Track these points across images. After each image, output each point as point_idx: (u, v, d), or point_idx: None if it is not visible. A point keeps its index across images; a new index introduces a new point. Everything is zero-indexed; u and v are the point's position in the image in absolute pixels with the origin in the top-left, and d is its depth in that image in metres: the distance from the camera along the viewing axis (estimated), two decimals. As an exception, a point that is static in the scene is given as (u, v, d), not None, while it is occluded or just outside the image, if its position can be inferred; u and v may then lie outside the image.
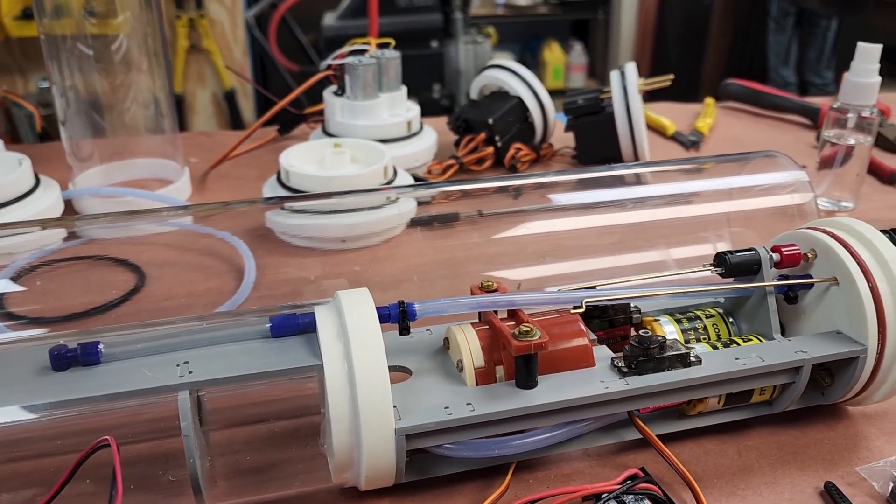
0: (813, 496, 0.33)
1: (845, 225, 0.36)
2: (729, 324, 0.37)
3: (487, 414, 0.30)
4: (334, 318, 0.30)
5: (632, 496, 0.31)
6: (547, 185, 0.57)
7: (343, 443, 0.29)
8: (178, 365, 0.29)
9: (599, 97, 0.65)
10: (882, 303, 0.33)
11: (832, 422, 0.37)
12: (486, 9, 3.16)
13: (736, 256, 0.35)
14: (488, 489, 0.32)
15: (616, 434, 0.35)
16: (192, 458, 0.28)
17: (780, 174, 0.45)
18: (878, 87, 0.56)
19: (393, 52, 0.64)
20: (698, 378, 0.32)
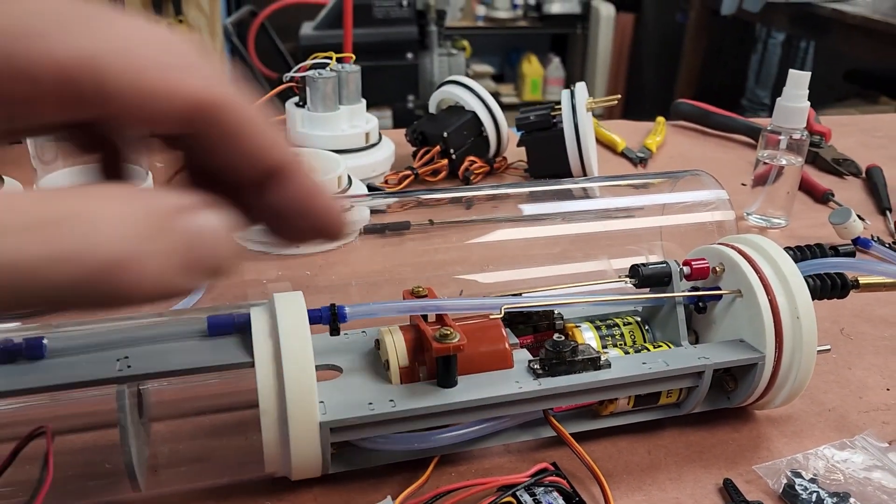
0: (712, 492, 0.35)
1: (751, 241, 0.39)
2: (645, 331, 0.40)
3: (408, 410, 0.32)
4: (267, 319, 0.32)
5: (542, 488, 0.33)
6: (494, 196, 0.60)
7: (272, 435, 0.31)
8: (118, 360, 0.31)
9: (551, 114, 0.68)
10: (780, 314, 0.36)
11: (738, 424, 0.40)
12: (466, 21, 3.20)
13: (648, 269, 0.38)
14: (412, 481, 0.35)
15: (534, 431, 0.37)
16: (128, 446, 0.30)
17: (704, 192, 0.48)
18: (806, 111, 0.60)
19: (353, 66, 0.66)
20: (607, 380, 0.35)
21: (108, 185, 0.19)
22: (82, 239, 0.15)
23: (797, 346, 0.36)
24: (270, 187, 0.20)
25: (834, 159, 0.78)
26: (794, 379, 0.37)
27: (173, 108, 0.17)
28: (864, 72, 2.57)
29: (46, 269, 0.15)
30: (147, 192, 0.17)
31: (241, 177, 0.19)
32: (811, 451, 0.38)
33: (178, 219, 0.17)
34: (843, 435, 0.39)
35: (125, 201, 0.16)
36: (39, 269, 0.15)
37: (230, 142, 0.19)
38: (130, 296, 0.16)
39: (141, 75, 0.17)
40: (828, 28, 2.16)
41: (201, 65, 0.18)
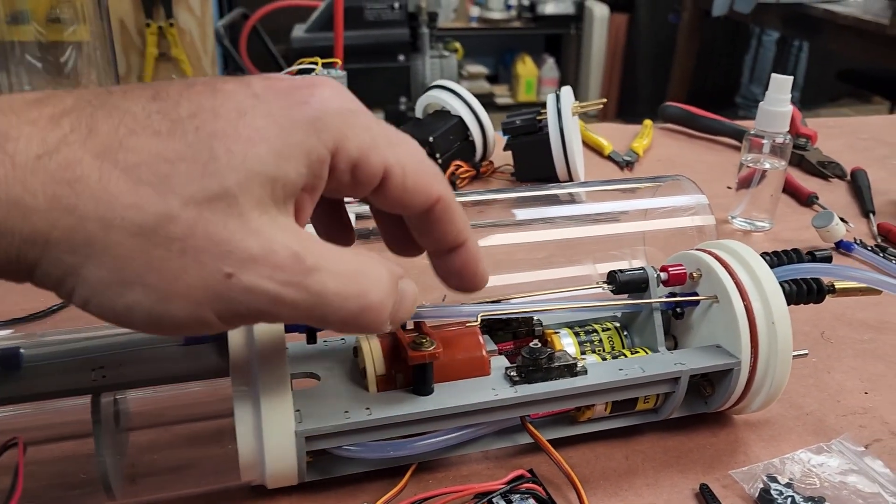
0: (689, 497, 0.36)
1: (728, 247, 0.39)
2: (623, 337, 0.40)
3: (383, 418, 0.32)
4: (243, 327, 0.33)
5: (518, 495, 0.33)
6: (480, 202, 0.60)
7: (247, 444, 0.31)
8: (93, 370, 0.31)
9: (537, 118, 0.68)
10: (755, 320, 0.37)
11: (717, 428, 0.40)
12: (460, 22, 3.21)
13: (625, 275, 0.38)
14: (390, 488, 0.35)
15: (512, 438, 0.37)
16: (102, 456, 0.30)
17: (684, 197, 0.49)
18: (789, 115, 0.60)
19: (338, 72, 0.66)
20: (584, 387, 0.35)
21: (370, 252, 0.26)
22: (369, 290, 0.24)
23: (773, 352, 0.36)
24: (453, 254, 0.29)
25: (819, 162, 0.78)
26: (770, 384, 0.37)
27: (422, 201, 0.26)
28: (857, 72, 2.59)
29: (341, 301, 0.24)
30: (386, 262, 0.26)
31: (439, 246, 0.29)
32: (788, 456, 0.38)
33: (400, 283, 0.26)
34: (821, 439, 0.40)
35: (383, 267, 0.25)
36: (338, 299, 0.23)
37: (444, 223, 0.28)
38: (370, 328, 0.25)
39: (414, 178, 0.26)
40: (819, 28, 2.17)
41: (437, 172, 0.27)
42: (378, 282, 0.25)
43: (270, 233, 0.22)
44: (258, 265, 0.22)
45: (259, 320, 0.24)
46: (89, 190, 0.20)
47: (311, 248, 0.23)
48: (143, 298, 0.21)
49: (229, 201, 0.21)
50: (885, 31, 1.87)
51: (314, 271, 0.23)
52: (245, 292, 0.22)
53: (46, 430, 0.33)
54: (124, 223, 0.20)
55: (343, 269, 0.24)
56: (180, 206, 0.21)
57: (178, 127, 0.21)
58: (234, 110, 0.22)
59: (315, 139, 0.23)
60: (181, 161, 0.21)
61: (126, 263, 0.21)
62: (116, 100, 0.21)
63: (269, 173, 0.22)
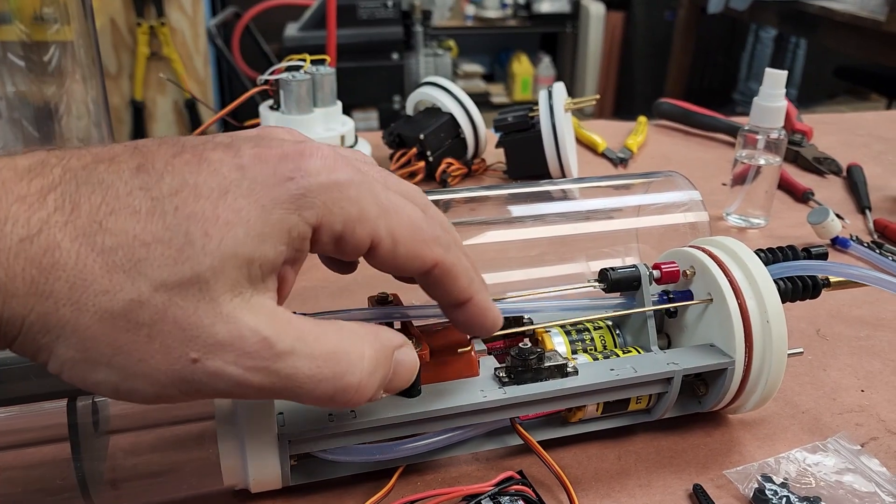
0: (682, 498, 0.35)
1: (722, 244, 0.39)
2: (615, 336, 0.39)
3: (368, 421, 0.31)
4: (225, 329, 0.32)
5: (507, 497, 0.33)
6: (471, 199, 0.59)
7: (229, 448, 0.30)
8: (70, 373, 0.30)
9: (529, 115, 0.67)
10: (750, 318, 0.36)
11: (711, 428, 0.40)
12: (455, 20, 3.20)
13: (617, 273, 0.38)
14: (377, 490, 0.34)
15: (502, 439, 0.37)
16: (79, 461, 0.29)
17: (677, 193, 0.48)
18: (784, 111, 0.59)
19: (327, 69, 0.65)
20: (574, 388, 0.34)
21: (363, 326, 0.26)
22: (343, 368, 0.24)
23: (767, 350, 0.36)
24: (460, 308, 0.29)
25: (815, 158, 0.78)
26: (764, 383, 0.36)
27: (417, 266, 0.27)
28: (853, 69, 2.58)
29: (314, 384, 0.24)
30: (384, 331, 0.27)
31: (446, 303, 0.29)
32: (783, 455, 0.37)
33: (396, 353, 0.27)
34: (817, 437, 0.39)
35: (371, 342, 0.26)
36: (310, 382, 0.24)
37: (445, 285, 0.28)
38: (349, 405, 0.25)
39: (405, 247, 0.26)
40: (816, 25, 2.17)
41: (437, 236, 0.27)
42: (357, 362, 0.25)
43: (241, 317, 0.22)
44: (224, 351, 0.22)
45: (227, 397, 0.24)
46: (65, 275, 0.21)
47: (285, 330, 0.23)
48: (110, 377, 0.22)
49: (201, 286, 0.22)
50: (881, 27, 1.86)
51: (285, 356, 0.23)
52: (209, 376, 0.22)
53: (23, 434, 0.32)
54: (95, 308, 0.21)
55: (319, 350, 0.24)
56: (150, 291, 0.21)
57: (159, 206, 0.22)
58: (216, 188, 0.22)
59: (296, 217, 0.23)
60: (157, 244, 0.21)
61: (94, 345, 0.21)
62: (102, 172, 0.22)
63: (246, 255, 0.22)
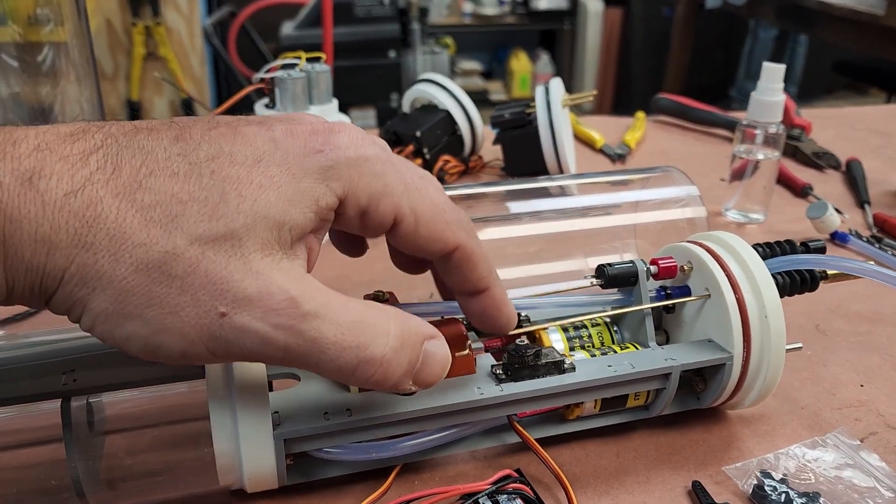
0: (681, 494, 0.35)
1: (720, 239, 0.38)
2: (613, 332, 0.39)
3: (364, 419, 0.31)
4: (219, 328, 0.32)
5: (505, 495, 0.32)
6: (468, 196, 0.59)
7: (224, 448, 0.30)
8: (63, 373, 0.30)
9: (526, 111, 0.67)
10: (748, 313, 0.36)
11: (710, 424, 0.39)
12: (453, 18, 3.19)
13: (614, 269, 0.37)
14: (374, 489, 0.34)
15: (500, 437, 0.36)
16: (74, 462, 0.29)
17: (675, 189, 0.48)
18: (782, 105, 0.59)
19: (323, 66, 0.65)
20: (572, 384, 0.34)
21: (391, 308, 0.26)
22: (367, 341, 0.24)
23: (766, 346, 0.35)
24: (476, 298, 0.30)
25: (814, 153, 0.77)
26: (763, 378, 0.36)
27: (439, 248, 0.27)
28: (852, 63, 2.58)
29: (338, 351, 0.24)
30: (413, 319, 0.27)
31: (462, 289, 0.30)
32: (782, 451, 0.37)
33: (426, 343, 0.27)
34: (816, 433, 0.39)
35: (398, 322, 0.26)
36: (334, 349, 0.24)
37: (464, 271, 0.28)
38: (374, 384, 0.25)
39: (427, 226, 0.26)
40: (814, 20, 2.16)
41: (460, 220, 0.27)
42: (382, 336, 0.25)
43: (271, 275, 0.23)
44: (252, 306, 0.23)
45: (254, 359, 0.24)
46: (106, 227, 0.21)
47: (313, 294, 0.23)
48: (141, 330, 0.23)
49: (234, 242, 0.22)
50: (879, 21, 1.86)
51: (311, 317, 0.23)
52: (236, 332, 0.23)
53: (17, 434, 0.32)
54: (132, 259, 0.22)
55: (345, 318, 0.24)
56: (186, 244, 0.22)
57: (196, 170, 0.23)
58: (250, 157, 0.23)
59: (324, 187, 0.24)
60: (193, 202, 0.22)
61: (128, 297, 0.22)
62: (142, 139, 0.23)
63: (277, 217, 0.23)
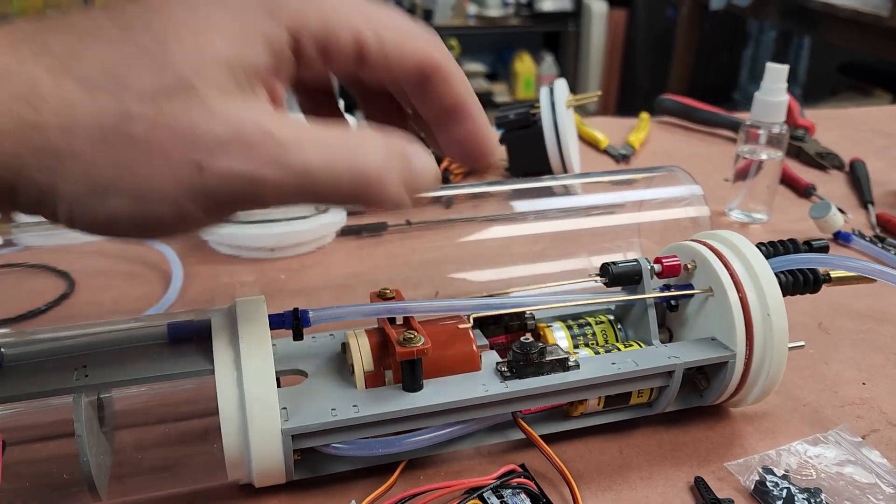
0: (683, 490, 0.35)
1: (723, 238, 0.39)
2: (617, 330, 0.40)
3: (371, 415, 0.32)
4: (228, 325, 0.32)
5: (509, 490, 0.33)
6: (474, 195, 0.59)
7: (233, 443, 0.31)
8: (75, 369, 0.31)
9: (530, 111, 0.67)
10: (750, 311, 0.36)
11: (712, 421, 0.40)
12: (458, 20, 3.20)
13: (618, 267, 0.38)
14: (379, 485, 0.34)
15: (504, 434, 0.37)
16: (86, 456, 0.29)
17: (678, 188, 0.48)
18: (785, 105, 0.59)
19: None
20: (576, 381, 0.34)
21: (368, 127, 0.25)
22: (359, 157, 0.23)
23: (768, 343, 0.36)
24: (456, 123, 0.27)
25: (817, 153, 0.78)
26: (766, 376, 0.36)
27: (413, 69, 0.25)
28: (857, 65, 2.57)
29: (332, 175, 0.22)
30: (393, 131, 0.24)
31: (440, 114, 0.27)
32: (784, 447, 0.37)
33: (411, 153, 0.24)
34: (818, 430, 0.39)
35: (382, 138, 0.24)
36: (327, 174, 0.22)
37: (443, 92, 0.26)
38: (374, 200, 0.23)
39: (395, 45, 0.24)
40: (819, 22, 2.16)
41: (430, 38, 0.25)
42: (371, 147, 0.23)
43: (238, 113, 0.21)
44: (228, 148, 0.21)
45: (248, 206, 0.23)
46: (48, 104, 0.20)
47: (287, 125, 0.22)
48: (121, 204, 0.21)
49: (187, 91, 0.21)
50: (884, 23, 1.86)
51: (292, 147, 0.22)
52: (220, 179, 0.21)
53: (30, 430, 0.32)
54: (86, 131, 0.20)
55: (329, 141, 0.23)
56: (137, 103, 0.21)
57: (129, 31, 0.21)
58: (185, 8, 0.22)
59: (270, 20, 0.23)
60: (134, 61, 0.21)
61: (95, 171, 0.21)
62: (72, 19, 0.22)
63: (226, 59, 0.22)
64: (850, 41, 2.08)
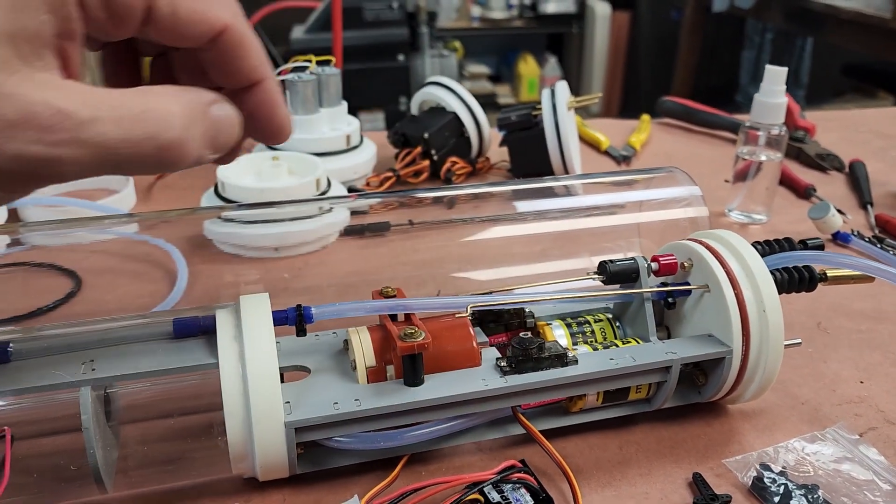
0: (682, 486, 0.36)
1: (719, 237, 0.39)
2: (615, 328, 0.40)
3: (372, 409, 0.32)
4: (232, 321, 0.33)
5: (509, 485, 0.33)
6: (475, 195, 0.60)
7: (237, 436, 0.31)
8: (83, 363, 0.31)
9: (532, 113, 0.68)
10: (746, 308, 0.36)
11: (711, 418, 0.40)
12: (462, 22, 3.20)
13: (615, 265, 0.38)
14: (382, 480, 0.35)
15: (504, 429, 0.37)
16: (93, 449, 0.30)
17: (678, 189, 0.49)
18: (784, 107, 0.60)
19: (333, 69, 0.66)
20: (574, 376, 0.35)
21: (166, 88, 0.24)
22: (158, 125, 0.22)
23: (764, 339, 0.36)
24: (249, 94, 0.27)
25: (817, 154, 0.78)
26: (762, 372, 0.37)
27: (203, 30, 0.24)
28: (861, 66, 2.57)
29: (130, 147, 0.22)
30: (190, 90, 0.24)
31: (233, 83, 0.26)
32: (781, 445, 0.38)
33: (210, 109, 0.24)
34: (816, 428, 0.39)
35: (176, 100, 0.23)
36: (126, 146, 0.22)
37: (234, 59, 0.25)
38: (178, 166, 0.24)
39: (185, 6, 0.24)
40: (821, 23, 2.16)
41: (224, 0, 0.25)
42: (168, 118, 0.23)
43: (27, 93, 0.21)
44: (19, 130, 0.20)
45: (47, 183, 0.23)
46: None
47: (83, 99, 0.21)
48: None
49: None
50: (887, 24, 1.86)
51: (88, 124, 0.21)
52: (14, 161, 0.21)
53: (38, 424, 0.33)
54: None
55: (126, 113, 0.22)
56: None
57: None
58: None
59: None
60: None
61: None
62: None
63: (4, 31, 0.21)
64: (853, 43, 2.08)
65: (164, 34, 0.24)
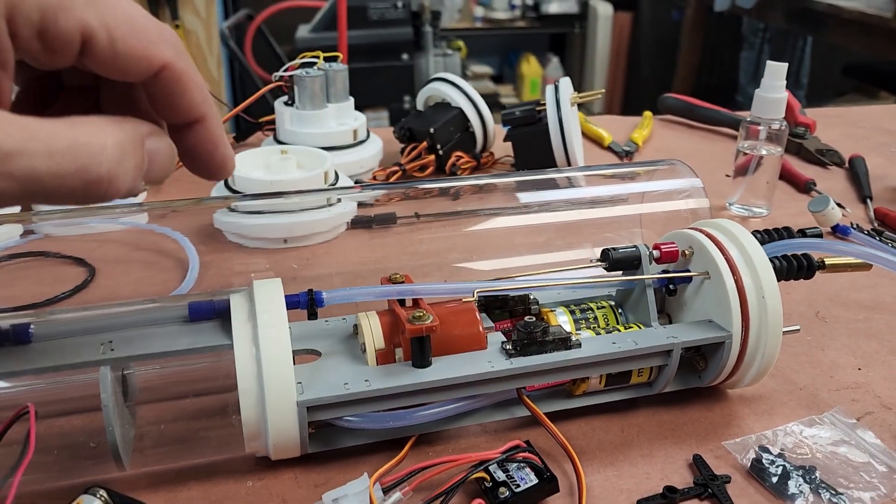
0: (682, 467, 0.37)
1: (720, 225, 0.40)
2: (618, 314, 0.41)
3: (382, 389, 0.33)
4: (246, 304, 0.34)
5: (515, 464, 0.34)
6: (480, 187, 0.61)
7: (251, 415, 0.32)
8: (102, 344, 0.32)
9: (536, 109, 0.69)
10: (746, 294, 0.37)
11: (711, 403, 0.41)
12: (464, 22, 3.22)
13: (618, 252, 0.39)
14: (390, 460, 0.36)
15: (509, 411, 0.38)
16: (111, 426, 0.31)
17: (679, 181, 0.50)
18: (784, 102, 0.61)
19: (340, 65, 0.67)
20: (577, 359, 0.36)
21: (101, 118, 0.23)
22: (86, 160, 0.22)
23: (763, 325, 0.37)
24: (190, 131, 0.26)
25: (818, 150, 0.79)
26: (761, 356, 0.38)
27: (142, 67, 0.24)
28: (862, 66, 2.57)
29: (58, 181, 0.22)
30: (125, 121, 0.24)
31: (174, 119, 0.26)
32: (780, 428, 0.39)
33: (146, 142, 0.24)
34: (814, 412, 0.40)
35: (110, 132, 0.23)
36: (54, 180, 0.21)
37: (174, 96, 0.25)
38: (108, 198, 0.23)
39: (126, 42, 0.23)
40: (823, 23, 2.17)
41: (166, 38, 0.24)
42: (100, 152, 0.22)
43: None
44: None
45: None
46: None
47: (10, 131, 0.21)
48: None
49: None
50: (888, 24, 1.87)
51: (15, 156, 0.21)
52: None
53: (58, 404, 0.34)
54: None
55: (55, 146, 0.21)
56: None
57: None
58: None
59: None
60: None
61: None
62: None
63: None
64: (855, 43, 2.09)
65: (101, 67, 0.24)
